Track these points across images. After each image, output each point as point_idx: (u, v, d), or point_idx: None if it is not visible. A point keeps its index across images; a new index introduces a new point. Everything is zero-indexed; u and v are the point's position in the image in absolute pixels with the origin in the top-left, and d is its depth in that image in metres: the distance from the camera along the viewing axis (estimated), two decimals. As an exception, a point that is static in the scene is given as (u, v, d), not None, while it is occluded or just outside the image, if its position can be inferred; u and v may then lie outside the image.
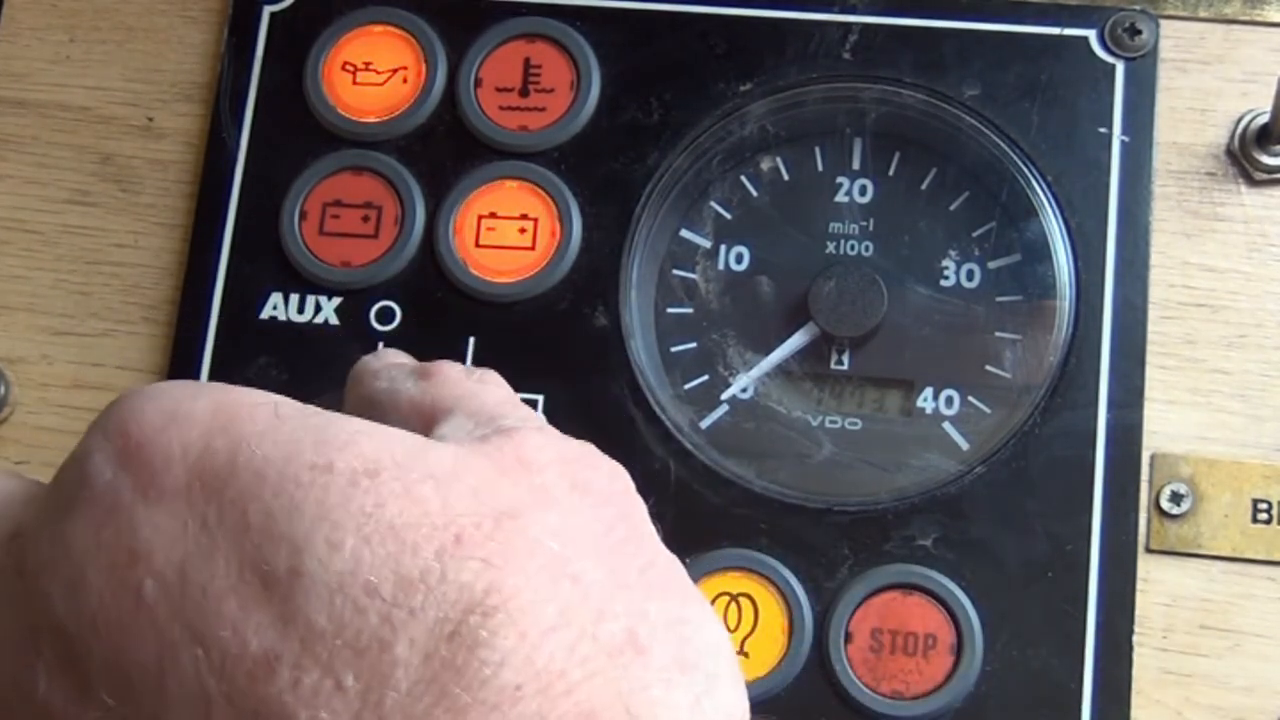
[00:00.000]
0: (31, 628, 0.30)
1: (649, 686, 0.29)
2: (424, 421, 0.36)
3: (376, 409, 0.38)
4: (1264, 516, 0.49)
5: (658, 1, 0.55)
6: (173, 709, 0.28)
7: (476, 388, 0.38)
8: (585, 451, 0.34)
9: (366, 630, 0.28)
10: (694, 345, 0.54)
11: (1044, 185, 0.52)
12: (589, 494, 0.33)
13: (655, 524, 0.34)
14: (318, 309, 0.53)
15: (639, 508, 0.34)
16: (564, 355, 0.52)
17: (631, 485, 0.34)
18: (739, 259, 0.55)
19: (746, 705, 0.31)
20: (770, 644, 0.49)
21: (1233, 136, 0.53)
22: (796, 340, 0.53)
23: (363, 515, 0.29)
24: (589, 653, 0.29)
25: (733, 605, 0.49)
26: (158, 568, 0.29)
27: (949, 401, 0.52)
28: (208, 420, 0.31)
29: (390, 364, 0.40)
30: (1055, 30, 0.53)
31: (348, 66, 0.55)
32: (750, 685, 0.48)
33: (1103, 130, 0.52)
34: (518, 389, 0.52)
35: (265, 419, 0.31)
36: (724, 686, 0.30)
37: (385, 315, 0.53)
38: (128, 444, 0.31)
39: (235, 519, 0.29)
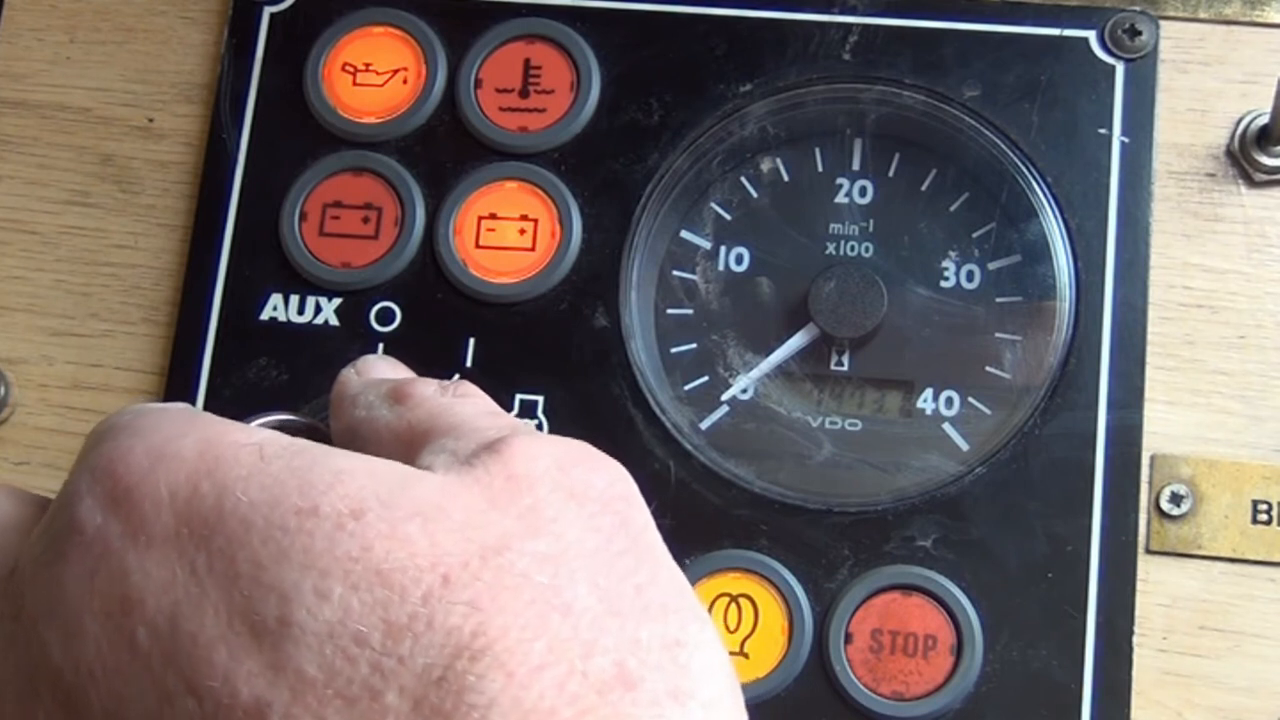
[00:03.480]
0: (31, 674, 0.30)
1: None
2: (406, 449, 0.35)
3: (358, 440, 0.38)
4: (1264, 517, 0.49)
5: (658, 2, 0.55)
6: None
7: (452, 403, 0.37)
8: (583, 454, 0.33)
9: (357, 679, 0.28)
10: (694, 346, 0.54)
11: (1044, 186, 0.52)
12: (586, 502, 0.32)
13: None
14: (318, 310, 0.53)
15: (640, 513, 0.33)
16: (564, 356, 0.52)
17: (633, 488, 0.33)
18: (739, 260, 0.55)
19: None
20: (770, 645, 0.49)
21: (1233, 137, 0.53)
22: (796, 341, 0.53)
23: (349, 561, 0.29)
24: (578, 690, 0.28)
25: (733, 606, 0.49)
26: (149, 616, 0.29)
27: (949, 402, 0.52)
28: (194, 461, 0.31)
29: (368, 384, 0.40)
30: (1055, 31, 0.53)
31: (348, 67, 0.55)
32: (750, 686, 0.48)
33: (1102, 131, 0.52)
34: (518, 389, 0.52)
35: (250, 461, 0.31)
36: (721, 712, 0.30)
37: (385, 316, 0.53)
38: (115, 487, 0.31)
39: (224, 567, 0.29)
